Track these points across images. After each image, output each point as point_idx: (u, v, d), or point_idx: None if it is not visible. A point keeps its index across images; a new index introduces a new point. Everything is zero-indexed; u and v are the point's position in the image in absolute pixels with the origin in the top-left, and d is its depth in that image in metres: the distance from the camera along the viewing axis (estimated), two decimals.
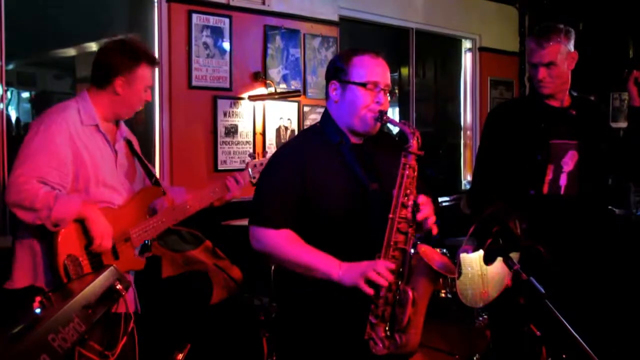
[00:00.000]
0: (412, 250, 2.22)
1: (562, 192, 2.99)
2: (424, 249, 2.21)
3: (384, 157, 2.38)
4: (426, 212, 2.22)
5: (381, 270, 2.13)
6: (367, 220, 2.28)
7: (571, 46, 3.00)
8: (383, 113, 2.31)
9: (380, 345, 2.15)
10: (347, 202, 2.29)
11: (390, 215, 2.20)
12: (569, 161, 2.99)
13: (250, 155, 3.27)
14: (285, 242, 2.27)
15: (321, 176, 2.30)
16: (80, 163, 2.58)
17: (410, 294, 2.15)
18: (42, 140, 2.51)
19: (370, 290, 2.13)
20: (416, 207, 2.21)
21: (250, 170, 3.15)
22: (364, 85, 2.31)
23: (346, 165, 2.33)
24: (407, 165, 2.23)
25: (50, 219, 2.41)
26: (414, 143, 2.24)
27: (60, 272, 2.42)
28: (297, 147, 2.41)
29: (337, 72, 2.38)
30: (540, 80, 2.99)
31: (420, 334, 2.21)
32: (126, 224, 2.69)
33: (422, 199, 2.24)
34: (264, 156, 3.27)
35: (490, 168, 3.10)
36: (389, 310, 2.16)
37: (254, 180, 3.15)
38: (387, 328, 2.16)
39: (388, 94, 2.36)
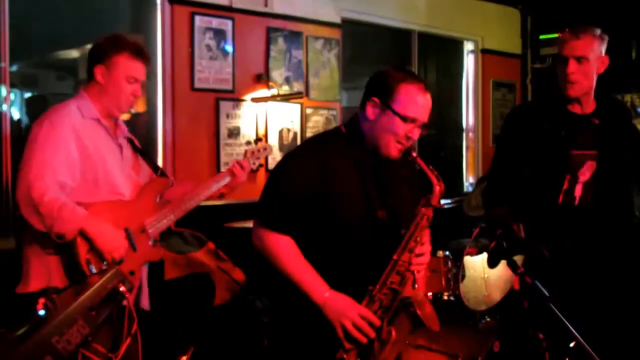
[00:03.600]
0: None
1: (576, 202, 2.90)
2: (420, 298, 2.24)
3: (399, 183, 2.38)
4: (421, 260, 2.29)
5: (363, 327, 2.16)
6: (369, 243, 2.28)
7: (603, 50, 2.89)
8: (411, 150, 2.28)
9: None
10: (355, 220, 2.28)
11: (395, 257, 2.22)
12: (586, 171, 2.90)
13: (247, 143, 3.29)
14: (284, 250, 2.26)
15: (336, 188, 2.27)
16: (86, 156, 2.58)
17: (394, 334, 2.17)
18: (48, 136, 2.51)
19: (346, 344, 2.16)
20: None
21: (249, 157, 3.17)
22: (404, 118, 2.24)
23: (363, 184, 2.30)
24: (425, 216, 2.25)
25: (52, 230, 2.41)
26: (437, 195, 2.25)
27: (83, 267, 2.42)
28: (317, 152, 2.34)
29: (381, 90, 2.28)
30: (567, 75, 2.83)
31: None
32: (140, 215, 2.70)
33: (425, 248, 2.30)
34: (261, 142, 3.31)
35: (506, 173, 3.03)
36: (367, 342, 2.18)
37: (254, 167, 3.18)
38: (357, 357, 2.17)
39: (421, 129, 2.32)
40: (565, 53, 2.86)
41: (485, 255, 2.38)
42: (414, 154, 2.28)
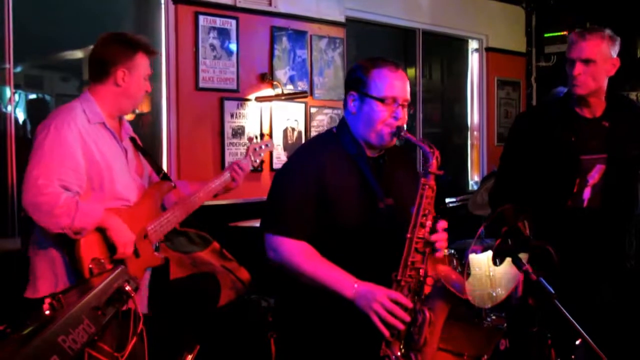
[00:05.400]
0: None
1: (584, 205, 2.89)
2: (442, 268, 2.20)
3: (398, 171, 2.37)
4: (443, 236, 2.23)
5: (396, 311, 2.10)
6: (380, 236, 2.25)
7: (614, 52, 2.86)
8: (401, 129, 2.27)
9: None
10: (360, 215, 2.26)
11: (408, 235, 2.18)
12: (595, 174, 2.88)
13: (249, 140, 3.28)
14: (302, 255, 2.22)
15: (337, 187, 2.26)
16: (92, 162, 2.56)
17: (428, 314, 2.14)
18: (55, 141, 2.48)
19: (385, 332, 2.10)
20: (434, 229, 2.21)
21: (251, 154, 3.16)
22: (382, 100, 2.26)
23: (362, 178, 2.29)
24: (427, 186, 2.22)
25: (72, 228, 2.39)
26: (433, 162, 2.23)
27: (85, 276, 2.41)
28: (314, 153, 2.35)
29: (356, 82, 2.32)
30: (574, 77, 2.82)
31: (435, 353, 2.19)
32: (143, 220, 2.69)
33: (442, 224, 2.24)
34: (263, 138, 3.31)
35: (513, 177, 3.02)
36: (405, 329, 2.14)
37: (256, 164, 3.18)
38: (402, 347, 2.13)
39: (406, 108, 2.33)
40: (572, 55, 2.84)
41: (490, 253, 2.36)
42: (404, 133, 2.28)
